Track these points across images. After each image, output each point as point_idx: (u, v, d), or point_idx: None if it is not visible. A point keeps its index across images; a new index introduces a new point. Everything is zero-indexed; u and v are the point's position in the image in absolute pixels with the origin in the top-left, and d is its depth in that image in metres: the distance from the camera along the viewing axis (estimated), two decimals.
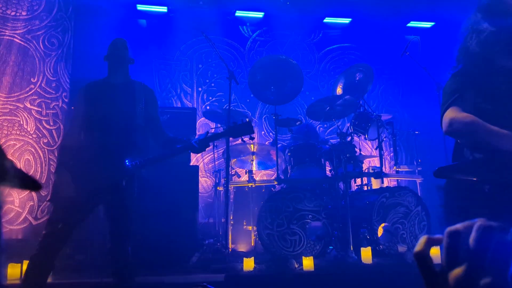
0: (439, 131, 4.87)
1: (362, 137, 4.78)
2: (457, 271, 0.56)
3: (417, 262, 0.59)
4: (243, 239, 4.46)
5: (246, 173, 4.73)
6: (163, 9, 6.49)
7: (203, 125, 6.43)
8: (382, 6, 6.69)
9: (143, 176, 3.15)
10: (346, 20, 7.09)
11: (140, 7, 6.43)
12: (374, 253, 3.77)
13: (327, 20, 7.05)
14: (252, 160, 4.82)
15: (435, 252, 3.68)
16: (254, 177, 4.62)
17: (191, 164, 4.55)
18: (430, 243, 0.60)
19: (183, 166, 4.24)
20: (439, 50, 6.56)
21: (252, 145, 4.82)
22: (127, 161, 2.80)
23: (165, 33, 6.66)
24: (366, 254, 3.72)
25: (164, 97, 6.52)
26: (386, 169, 6.15)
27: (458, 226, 0.58)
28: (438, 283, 0.58)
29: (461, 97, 1.88)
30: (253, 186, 4.54)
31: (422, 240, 0.60)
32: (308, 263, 3.53)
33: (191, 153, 4.86)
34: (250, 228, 4.43)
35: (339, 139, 4.42)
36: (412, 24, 7.27)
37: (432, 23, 7.27)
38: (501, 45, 1.92)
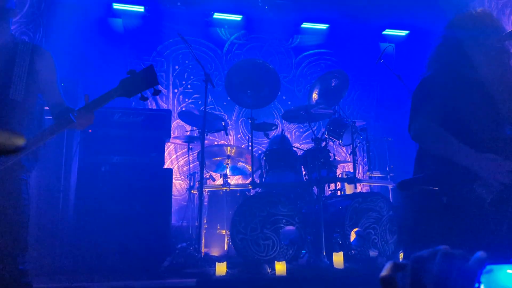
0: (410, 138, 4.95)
1: (337, 142, 4.84)
2: None
3: (383, 286, 0.60)
4: (216, 243, 4.43)
5: (221, 177, 4.70)
6: (140, 8, 6.40)
7: (178, 127, 6.37)
8: (359, 13, 6.79)
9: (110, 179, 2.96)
10: (324, 26, 7.17)
11: (116, 5, 6.33)
12: (346, 258, 3.80)
13: (304, 25, 7.10)
14: (228, 164, 4.79)
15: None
16: (229, 181, 4.60)
17: (165, 167, 4.49)
18: (396, 269, 0.61)
19: (156, 169, 4.18)
20: (413, 59, 6.70)
21: (228, 148, 4.80)
22: None
23: (142, 33, 6.57)
24: (338, 258, 3.75)
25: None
26: (359, 174, 6.24)
27: (423, 252, 0.60)
28: None
29: (429, 104, 1.93)
30: (228, 190, 4.51)
31: (389, 265, 0.61)
32: (280, 267, 3.53)
33: (165, 156, 4.82)
34: (223, 232, 4.40)
35: (314, 144, 4.45)
36: (388, 32, 7.40)
37: (407, 32, 7.43)
38: (468, 56, 1.98)
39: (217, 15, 6.73)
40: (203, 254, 4.03)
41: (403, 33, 7.46)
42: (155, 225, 4.00)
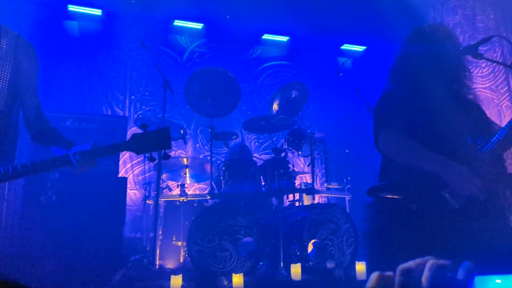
0: (367, 150, 5.05)
1: (296, 153, 4.85)
2: None
3: None
4: (172, 256, 4.28)
5: (178, 187, 4.57)
6: (97, 12, 6.20)
7: None
8: (318, 27, 6.93)
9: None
10: (284, 38, 7.25)
11: (72, 7, 6.10)
12: (304, 270, 3.78)
13: (266, 36, 7.15)
14: (185, 174, 4.68)
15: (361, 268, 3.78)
16: (186, 191, 4.49)
17: (120, 175, 4.32)
18: (381, 280, 0.57)
19: (110, 177, 4.00)
20: (370, 74, 6.90)
21: (185, 159, 4.70)
22: None
23: (98, 37, 6.36)
24: (296, 270, 3.72)
25: (94, 104, 6.19)
26: (317, 185, 6.29)
27: (410, 263, 0.58)
28: None
29: (393, 116, 1.95)
30: (185, 200, 4.40)
31: (374, 276, 0.58)
32: (237, 280, 3.45)
33: (120, 165, 4.65)
34: (179, 243, 4.27)
35: (274, 155, 4.43)
36: (346, 46, 7.60)
37: (364, 47, 7.65)
38: (427, 69, 2.03)
39: (177, 22, 6.64)
40: (157, 266, 3.88)
41: (360, 48, 7.68)
42: (107, 237, 3.82)
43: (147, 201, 4.85)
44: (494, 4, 6.32)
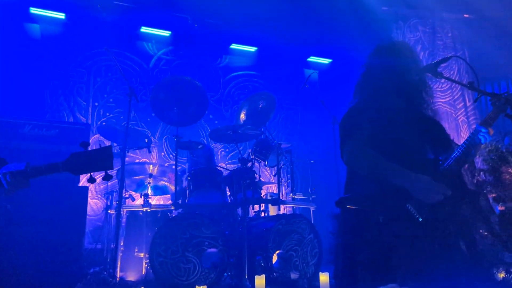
0: (332, 161, 5.12)
1: (262, 163, 4.85)
2: None
3: None
4: (133, 267, 4.17)
5: (141, 197, 4.47)
6: (61, 15, 6.03)
7: (97, 142, 6.00)
8: (286, 39, 7.03)
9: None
10: (252, 49, 7.30)
11: (34, 10, 5.90)
12: (268, 281, 3.76)
13: (234, 46, 7.17)
14: (149, 183, 4.58)
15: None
16: (150, 201, 4.39)
17: (80, 184, 4.17)
18: None
19: (70, 186, 3.86)
20: (336, 86, 7.04)
21: (150, 166, 4.60)
22: None
23: (61, 41, 6.16)
24: (260, 282, 3.69)
25: (54, 110, 5.98)
26: (283, 196, 6.32)
27: None
28: None
29: (359, 130, 1.98)
30: (148, 210, 4.31)
31: None
32: None
33: None
34: (141, 255, 4.16)
35: (240, 165, 4.41)
36: (312, 59, 7.73)
37: (330, 60, 7.81)
38: (390, 85, 2.08)
39: (144, 29, 6.56)
40: (118, 279, 3.77)
41: (326, 61, 7.83)
42: (66, 248, 3.68)
43: (109, 211, 4.71)
44: (452, 23, 6.61)
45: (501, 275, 1.97)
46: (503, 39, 5.70)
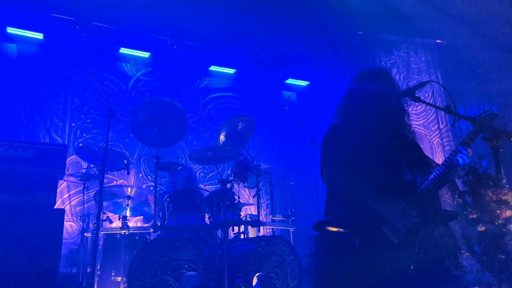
0: (311, 182, 5.16)
1: (242, 184, 4.85)
2: None
3: None
4: None
5: (119, 219, 4.39)
6: (39, 35, 5.98)
7: (73, 164, 5.90)
8: (264, 61, 7.15)
9: None
10: (231, 70, 7.37)
11: (11, 30, 5.83)
12: None
13: (212, 68, 7.23)
14: (127, 205, 4.51)
15: None
16: (128, 223, 4.32)
17: (56, 206, 4.07)
18: None
19: (46, 209, 3.76)
20: (313, 107, 7.16)
21: (129, 188, 4.54)
22: None
23: (38, 61, 6.10)
24: None
25: (30, 130, 5.87)
26: (262, 217, 6.31)
27: None
28: None
29: (339, 152, 2.03)
30: (126, 233, 4.23)
31: None
32: None
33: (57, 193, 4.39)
34: (119, 279, 4.07)
35: (220, 186, 4.40)
36: (290, 81, 7.86)
37: (307, 82, 7.95)
38: (371, 107, 2.15)
39: (123, 50, 6.55)
40: None
41: (303, 83, 7.97)
42: (41, 273, 3.55)
43: (85, 234, 4.59)
44: (425, 47, 6.87)
45: None
46: (473, 65, 5.95)
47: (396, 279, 1.80)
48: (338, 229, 1.96)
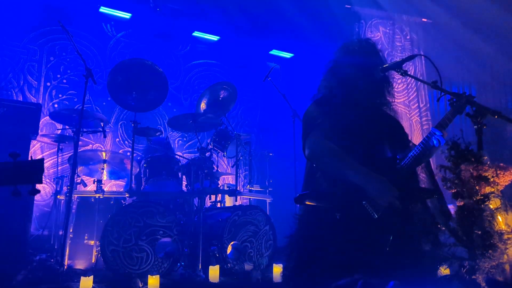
0: (291, 154, 5.16)
1: (221, 153, 4.82)
2: None
3: None
4: (83, 255, 4.03)
5: (94, 183, 4.31)
6: None
7: (47, 124, 5.73)
8: (249, 30, 6.98)
9: None
10: (215, 38, 7.20)
11: None
12: (222, 272, 3.76)
13: (196, 34, 7.04)
14: (103, 169, 4.42)
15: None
16: (103, 187, 4.25)
17: None
18: None
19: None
20: (297, 80, 7.09)
21: (104, 153, 4.44)
22: None
23: (14, 16, 5.79)
24: (214, 272, 3.68)
25: (2, 88, 5.63)
26: (239, 187, 6.32)
27: (342, 282, 0.57)
28: None
29: (322, 124, 2.00)
30: (101, 197, 4.16)
31: None
32: (153, 282, 3.33)
33: (29, 155, 4.26)
34: (92, 243, 4.03)
35: (199, 154, 4.36)
36: (274, 52, 7.74)
37: (291, 54, 7.85)
38: (357, 81, 2.11)
39: (103, 9, 6.29)
40: (66, 267, 3.61)
41: (288, 55, 7.87)
42: (10, 233, 3.50)
43: (58, 196, 4.50)
44: (411, 26, 6.83)
45: (445, 271, 2.05)
46: (456, 46, 5.95)
47: (375, 254, 1.81)
48: (318, 203, 1.95)
